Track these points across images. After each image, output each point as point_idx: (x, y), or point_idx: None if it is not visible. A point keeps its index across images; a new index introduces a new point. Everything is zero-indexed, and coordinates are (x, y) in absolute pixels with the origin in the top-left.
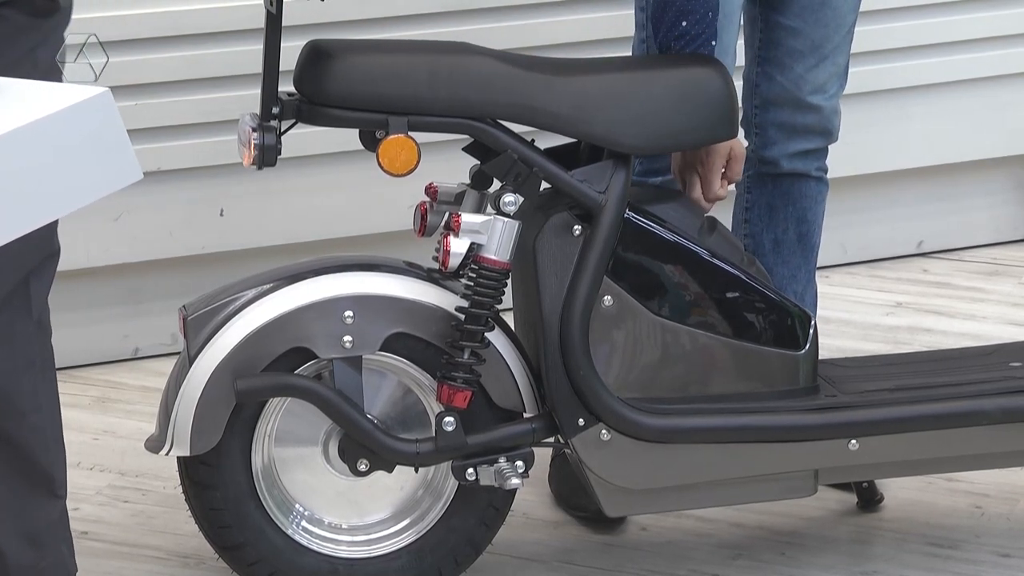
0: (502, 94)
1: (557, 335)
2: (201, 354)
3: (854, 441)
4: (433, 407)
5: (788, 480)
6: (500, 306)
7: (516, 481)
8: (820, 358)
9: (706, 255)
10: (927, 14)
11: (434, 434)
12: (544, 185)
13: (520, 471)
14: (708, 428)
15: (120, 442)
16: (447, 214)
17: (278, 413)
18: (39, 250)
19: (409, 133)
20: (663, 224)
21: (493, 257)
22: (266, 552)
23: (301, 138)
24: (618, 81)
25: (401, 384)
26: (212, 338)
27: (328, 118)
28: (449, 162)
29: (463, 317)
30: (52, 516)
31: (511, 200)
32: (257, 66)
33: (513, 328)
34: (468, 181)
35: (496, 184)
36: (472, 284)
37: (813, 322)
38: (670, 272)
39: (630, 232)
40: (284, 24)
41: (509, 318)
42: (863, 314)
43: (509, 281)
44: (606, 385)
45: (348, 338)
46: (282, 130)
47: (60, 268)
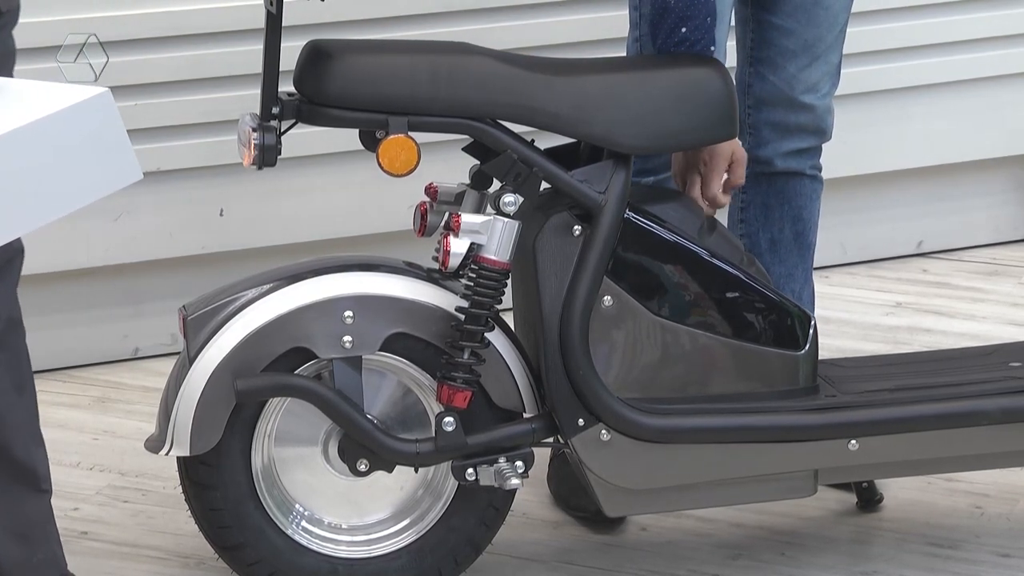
0: (502, 94)
1: (557, 335)
2: (201, 354)
3: (854, 441)
4: (433, 407)
5: (788, 480)
6: (500, 306)
7: (516, 481)
8: (820, 358)
9: (706, 255)
10: (926, 14)
11: (434, 434)
12: (544, 185)
13: (520, 471)
14: (708, 428)
15: (120, 442)
16: (447, 214)
17: (278, 413)
18: (2, 252)
19: (409, 133)
20: (663, 224)
21: (493, 257)
22: (266, 552)
23: (301, 138)
24: (618, 81)
25: (401, 384)
26: (212, 338)
27: (328, 118)
28: (449, 162)
29: (463, 317)
30: (39, 511)
31: (511, 200)
32: (257, 66)
33: (513, 328)
34: (468, 181)
35: (496, 184)
36: (472, 284)
37: (813, 322)
38: (670, 272)
39: (630, 232)
40: (284, 24)
41: (509, 318)
42: (863, 314)
43: (509, 281)
44: (606, 385)
45: (348, 338)
46: (282, 130)
47: (60, 268)
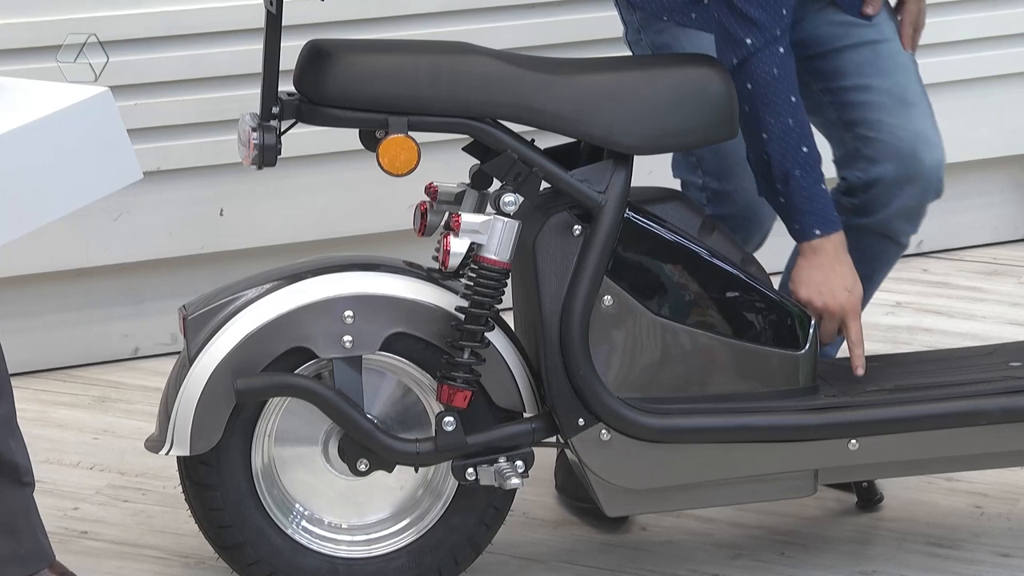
0: (502, 94)
1: (557, 335)
2: (201, 354)
3: (854, 441)
4: (433, 407)
5: (788, 480)
6: (500, 306)
7: (516, 481)
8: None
9: (706, 255)
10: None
11: (434, 434)
12: (544, 185)
13: (520, 471)
14: (708, 428)
15: (120, 442)
16: (447, 214)
17: (278, 413)
18: None
19: (409, 133)
20: (663, 224)
21: (493, 257)
22: (266, 552)
23: (301, 138)
24: (618, 81)
25: (401, 384)
26: (212, 338)
27: (328, 118)
28: (449, 162)
29: (463, 317)
30: (21, 504)
31: (511, 200)
32: (257, 66)
33: (513, 328)
34: (468, 181)
35: (496, 184)
36: (472, 284)
37: (813, 322)
38: (670, 272)
39: (630, 232)
40: (284, 24)
41: (509, 318)
42: (863, 314)
43: (509, 281)
44: (606, 385)
45: (348, 338)
46: (282, 130)
47: (60, 268)
